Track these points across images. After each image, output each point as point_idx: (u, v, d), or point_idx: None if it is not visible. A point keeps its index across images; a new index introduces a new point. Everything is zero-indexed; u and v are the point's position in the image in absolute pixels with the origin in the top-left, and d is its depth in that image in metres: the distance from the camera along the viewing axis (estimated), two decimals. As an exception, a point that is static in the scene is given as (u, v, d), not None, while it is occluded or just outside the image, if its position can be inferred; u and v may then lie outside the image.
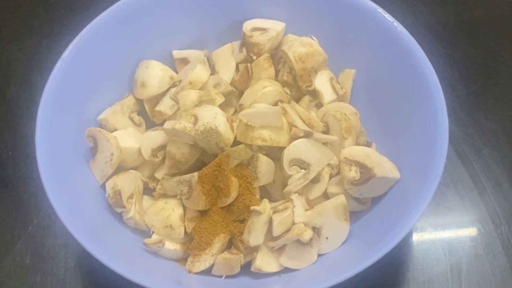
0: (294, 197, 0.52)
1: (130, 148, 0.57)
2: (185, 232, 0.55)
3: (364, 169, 0.53)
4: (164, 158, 0.56)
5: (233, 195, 0.53)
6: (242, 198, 0.53)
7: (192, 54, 0.64)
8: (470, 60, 0.75)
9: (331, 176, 0.56)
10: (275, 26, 0.62)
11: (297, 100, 0.61)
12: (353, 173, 0.53)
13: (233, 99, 0.61)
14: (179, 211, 0.55)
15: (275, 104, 0.57)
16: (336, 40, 0.62)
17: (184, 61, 0.64)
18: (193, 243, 0.54)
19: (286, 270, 0.53)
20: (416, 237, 0.62)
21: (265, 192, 0.56)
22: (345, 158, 0.54)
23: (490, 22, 0.78)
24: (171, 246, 0.54)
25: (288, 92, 0.61)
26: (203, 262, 0.53)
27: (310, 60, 0.59)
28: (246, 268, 0.53)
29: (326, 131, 0.57)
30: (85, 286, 0.60)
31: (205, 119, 0.53)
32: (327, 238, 0.53)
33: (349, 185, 0.53)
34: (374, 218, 0.54)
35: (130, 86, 0.63)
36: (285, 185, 0.54)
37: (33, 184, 0.66)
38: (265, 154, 0.53)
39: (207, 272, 0.53)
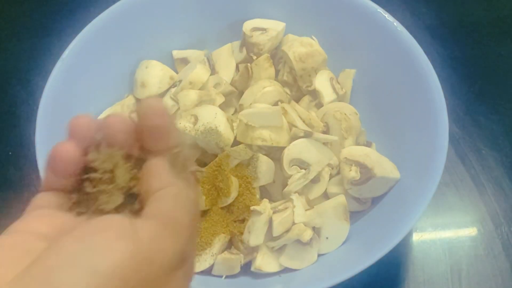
0: (294, 197, 0.52)
1: (130, 148, 0.57)
2: (185, 232, 0.55)
3: (364, 169, 0.53)
4: (164, 158, 0.56)
5: (233, 195, 0.53)
6: (242, 198, 0.53)
7: (192, 54, 0.64)
8: (470, 60, 0.75)
9: (331, 176, 0.56)
10: (275, 26, 0.62)
11: (297, 100, 0.61)
12: (353, 173, 0.53)
13: (233, 99, 0.61)
14: (179, 211, 0.55)
15: (275, 104, 0.57)
16: (336, 40, 0.62)
17: (184, 61, 0.64)
18: (193, 243, 0.54)
19: (286, 270, 0.53)
20: (416, 237, 0.62)
21: (265, 192, 0.56)
22: (345, 158, 0.54)
23: (490, 22, 0.78)
24: (171, 246, 0.54)
25: (288, 92, 0.61)
26: (203, 262, 0.52)
27: (310, 60, 0.59)
28: (246, 268, 0.53)
29: (326, 131, 0.57)
30: (85, 286, 0.60)
31: (205, 119, 0.53)
32: (327, 238, 0.53)
33: (349, 185, 0.53)
34: (374, 218, 0.54)
35: (130, 86, 0.62)
36: (285, 185, 0.54)
37: (33, 184, 0.66)
38: (265, 154, 0.53)
39: (207, 272, 0.53)
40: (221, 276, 0.53)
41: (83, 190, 0.31)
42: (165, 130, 0.31)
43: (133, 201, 0.31)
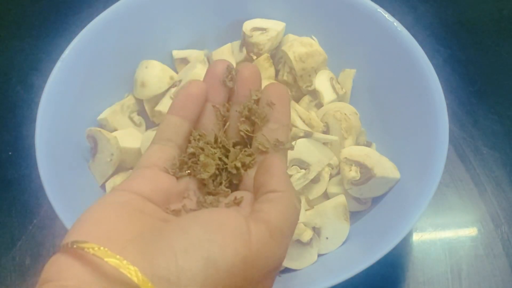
0: (294, 197, 0.52)
1: (130, 148, 0.57)
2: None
3: (364, 169, 0.53)
4: (164, 158, 0.56)
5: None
6: (242, 198, 0.53)
7: (192, 54, 0.64)
8: (470, 60, 0.75)
9: (331, 176, 0.56)
10: (275, 26, 0.62)
11: (297, 100, 0.61)
12: (353, 173, 0.53)
13: (233, 99, 0.61)
14: (179, 211, 0.55)
15: (275, 104, 0.57)
16: (336, 40, 0.62)
17: (184, 61, 0.64)
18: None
19: (286, 270, 0.53)
20: (416, 237, 0.62)
21: (265, 192, 0.56)
22: (345, 158, 0.54)
23: (490, 22, 0.78)
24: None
25: (288, 92, 0.61)
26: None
27: (310, 60, 0.59)
28: (246, 268, 0.53)
29: (326, 131, 0.57)
30: (85, 286, 0.60)
31: (205, 119, 0.53)
32: (327, 238, 0.53)
33: (349, 185, 0.53)
34: (374, 218, 0.54)
35: (130, 86, 0.62)
36: (285, 185, 0.54)
37: (33, 184, 0.66)
38: (265, 154, 0.53)
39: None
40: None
41: (186, 152, 0.35)
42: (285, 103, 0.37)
43: (229, 178, 0.35)
